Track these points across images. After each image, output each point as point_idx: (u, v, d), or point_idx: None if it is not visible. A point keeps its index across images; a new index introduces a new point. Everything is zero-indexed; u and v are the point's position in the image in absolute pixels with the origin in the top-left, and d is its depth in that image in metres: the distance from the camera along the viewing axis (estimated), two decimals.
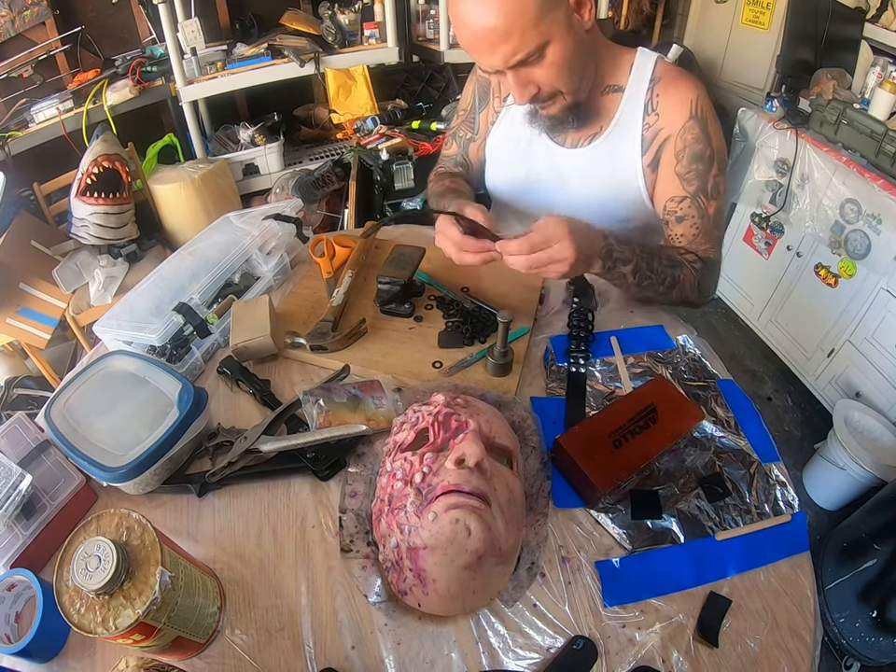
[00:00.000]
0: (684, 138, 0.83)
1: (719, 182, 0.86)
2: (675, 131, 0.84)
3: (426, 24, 2.39)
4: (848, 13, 1.90)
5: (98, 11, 2.06)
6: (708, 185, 0.85)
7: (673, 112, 0.83)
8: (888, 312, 1.61)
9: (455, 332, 0.83)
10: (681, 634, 0.55)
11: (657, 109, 0.84)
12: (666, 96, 0.84)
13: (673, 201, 0.87)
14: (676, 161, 0.85)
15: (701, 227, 0.87)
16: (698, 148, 0.83)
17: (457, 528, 0.51)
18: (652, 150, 0.86)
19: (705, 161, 0.84)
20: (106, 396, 0.67)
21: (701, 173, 0.85)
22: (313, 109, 2.47)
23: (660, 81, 0.84)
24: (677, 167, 0.85)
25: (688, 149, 0.84)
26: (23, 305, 1.70)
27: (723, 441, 0.72)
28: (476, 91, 1.01)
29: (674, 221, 0.88)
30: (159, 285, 0.87)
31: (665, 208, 0.88)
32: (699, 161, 0.84)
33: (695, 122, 0.83)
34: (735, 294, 2.31)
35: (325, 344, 0.81)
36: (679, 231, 0.88)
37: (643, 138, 0.86)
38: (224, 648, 0.55)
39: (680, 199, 0.86)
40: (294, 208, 1.03)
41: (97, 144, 1.71)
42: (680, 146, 0.84)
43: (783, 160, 1.92)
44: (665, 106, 0.84)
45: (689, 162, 0.84)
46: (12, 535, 0.58)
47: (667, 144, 0.85)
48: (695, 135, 0.83)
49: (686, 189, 0.85)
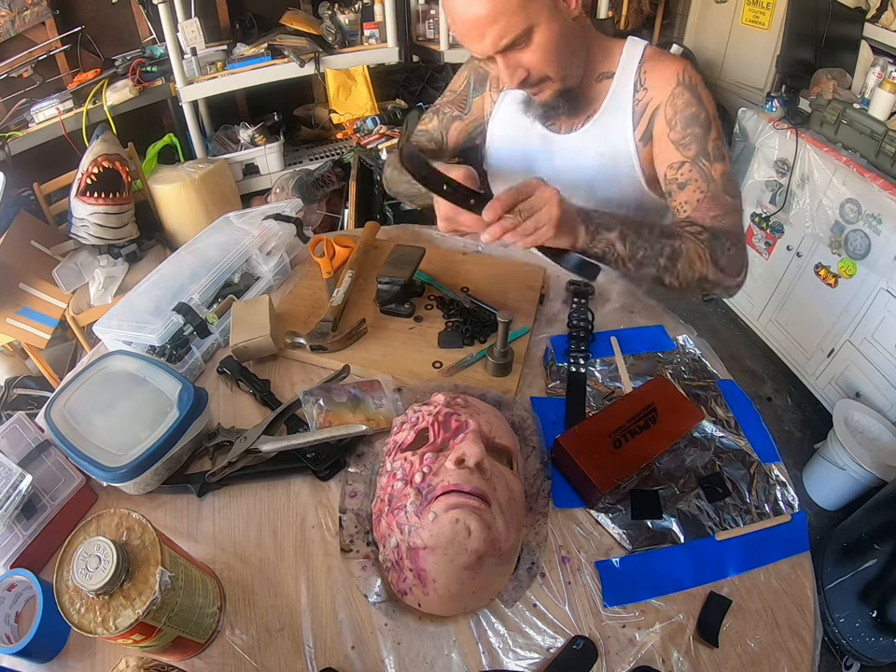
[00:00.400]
0: (674, 104, 0.83)
1: (719, 145, 0.83)
2: (663, 99, 0.84)
3: (426, 24, 2.39)
4: (848, 13, 1.90)
5: (98, 11, 2.06)
6: (709, 147, 0.82)
7: (660, 83, 0.84)
8: (888, 312, 1.61)
9: (455, 332, 0.83)
10: (681, 634, 0.55)
11: (645, 84, 0.85)
12: (653, 71, 0.85)
13: (672, 168, 0.84)
14: (669, 129, 0.84)
15: (707, 190, 0.82)
16: (690, 112, 0.82)
17: (457, 528, 0.51)
18: (643, 123, 0.86)
19: (700, 124, 0.82)
20: (106, 396, 0.67)
21: (699, 136, 0.82)
22: (313, 109, 2.47)
23: (647, 61, 0.86)
24: (670, 134, 0.84)
25: (679, 115, 0.83)
26: (23, 305, 1.69)
27: (723, 440, 0.72)
28: (471, 76, 1.02)
29: (676, 189, 0.85)
30: (159, 285, 0.87)
31: (666, 177, 0.85)
32: (694, 125, 0.82)
33: (684, 88, 0.83)
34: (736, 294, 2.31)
35: (325, 344, 0.81)
36: (684, 197, 0.84)
37: (633, 113, 0.86)
38: (224, 648, 0.55)
39: (679, 164, 0.84)
40: (294, 208, 1.03)
41: (97, 144, 1.71)
42: (671, 112, 0.83)
43: (783, 160, 1.92)
44: (652, 80, 0.85)
45: (683, 127, 0.83)
46: (12, 535, 0.58)
47: (657, 113, 0.85)
48: (686, 100, 0.83)
49: (684, 154, 0.83)
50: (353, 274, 0.91)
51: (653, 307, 0.92)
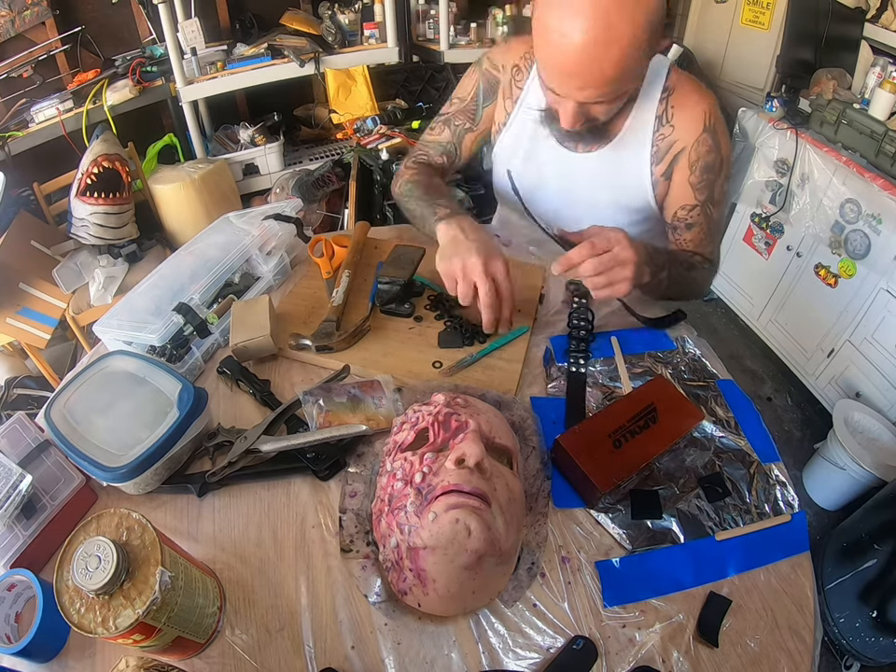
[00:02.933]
0: (698, 150, 0.85)
1: (725, 189, 0.89)
2: (689, 143, 0.85)
3: (426, 24, 2.40)
4: (848, 13, 1.90)
5: (98, 11, 2.06)
6: (716, 192, 0.88)
7: (688, 125, 0.85)
8: (888, 312, 1.61)
9: (455, 333, 0.83)
10: (681, 634, 0.55)
11: (672, 121, 0.85)
12: (681, 109, 0.85)
13: (684, 209, 0.89)
14: (690, 172, 0.87)
15: (707, 232, 0.91)
16: (710, 159, 0.85)
17: (457, 528, 0.51)
18: (667, 161, 0.87)
19: (715, 171, 0.87)
20: (106, 396, 0.67)
21: (711, 182, 0.87)
22: (313, 109, 2.47)
23: (674, 93, 0.85)
24: (690, 178, 0.87)
25: (701, 161, 0.85)
26: (23, 305, 1.70)
27: (723, 440, 0.72)
28: (481, 84, 0.98)
29: (683, 228, 0.91)
30: (159, 285, 0.86)
31: (676, 215, 0.90)
32: (710, 171, 0.86)
33: (708, 135, 0.85)
34: (735, 294, 2.31)
35: (330, 344, 0.81)
36: (689, 237, 0.91)
37: (656, 148, 0.87)
38: (224, 648, 0.55)
39: (691, 207, 0.89)
40: (294, 208, 1.03)
41: (97, 144, 1.71)
42: (694, 157, 0.86)
43: (783, 160, 1.92)
44: (680, 119, 0.85)
45: (701, 173, 0.86)
46: (12, 535, 0.58)
47: (682, 155, 0.86)
48: (708, 147, 0.85)
49: (697, 198, 0.88)
50: (350, 274, 0.91)
51: (653, 307, 0.92)
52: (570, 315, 0.86)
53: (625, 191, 0.92)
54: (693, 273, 0.89)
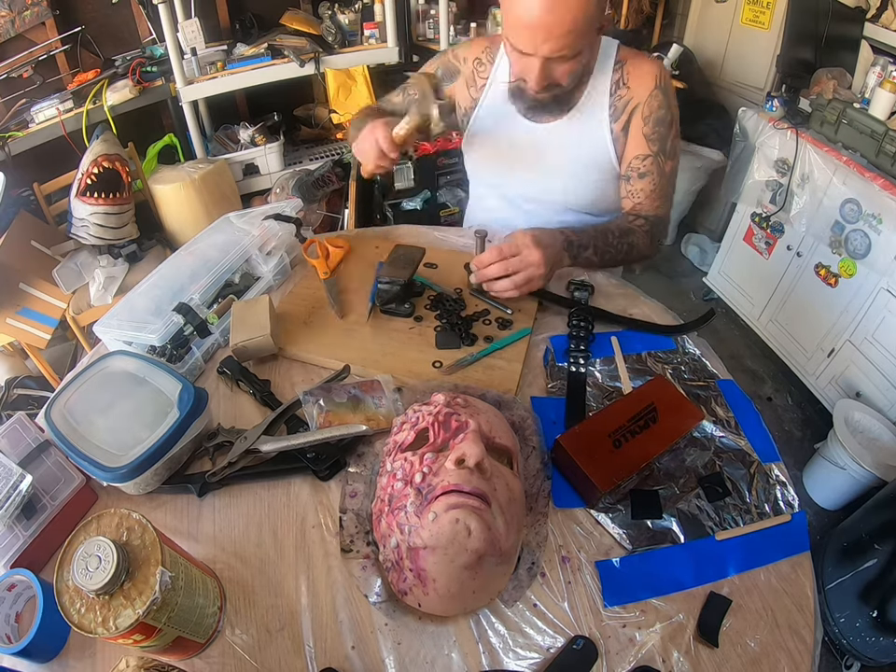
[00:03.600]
0: (650, 105, 0.95)
1: (675, 145, 0.99)
2: (643, 99, 0.95)
3: (426, 24, 2.40)
4: (849, 12, 1.90)
5: (98, 11, 2.06)
6: (667, 145, 0.97)
7: (641, 83, 0.95)
8: (888, 312, 1.61)
9: (451, 333, 0.83)
10: (681, 634, 0.55)
11: (628, 83, 0.96)
12: (635, 72, 0.95)
13: (638, 158, 0.98)
14: (643, 124, 0.96)
15: (657, 183, 0.99)
16: (661, 114, 0.95)
17: (457, 528, 0.51)
18: (624, 117, 0.97)
19: (666, 125, 0.96)
20: (106, 396, 0.67)
21: (663, 135, 0.96)
22: (313, 109, 2.47)
23: (626, 63, 0.96)
24: (644, 129, 0.96)
25: (653, 114, 0.95)
26: (24, 305, 1.70)
27: (723, 440, 0.72)
28: (442, 70, 1.09)
29: (636, 177, 0.99)
30: (159, 285, 0.86)
31: (630, 165, 0.99)
32: (662, 125, 0.96)
33: (660, 91, 0.95)
34: (736, 294, 2.31)
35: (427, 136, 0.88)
36: (640, 186, 0.99)
37: (614, 108, 0.97)
38: (224, 648, 0.55)
39: (644, 156, 0.98)
40: (294, 208, 1.03)
41: (97, 144, 1.71)
42: (647, 112, 0.95)
43: (783, 159, 1.91)
44: (634, 80, 0.95)
45: (654, 125, 0.96)
46: (12, 535, 0.58)
47: (637, 110, 0.96)
48: (659, 102, 0.95)
49: (650, 149, 0.97)
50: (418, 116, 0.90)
51: (654, 308, 0.92)
52: (570, 314, 0.86)
53: (590, 153, 1.00)
54: (629, 238, 0.96)
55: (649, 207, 1.00)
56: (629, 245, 0.96)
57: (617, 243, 0.95)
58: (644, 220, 1.00)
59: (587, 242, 0.91)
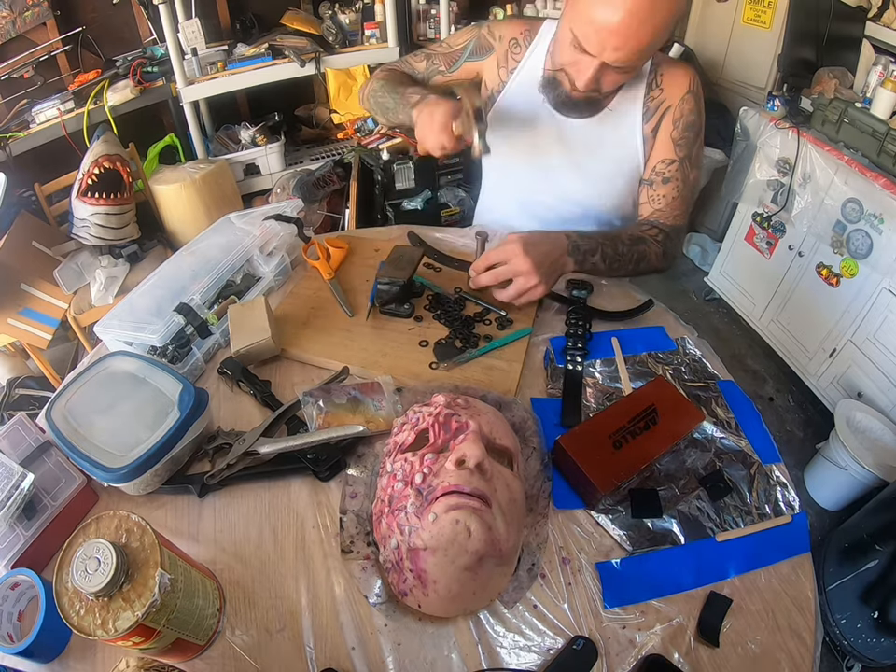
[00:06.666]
0: (682, 108, 0.93)
1: (700, 154, 0.97)
2: (675, 102, 0.93)
3: (426, 24, 2.40)
4: (850, 12, 1.89)
5: (99, 12, 2.06)
6: (693, 153, 0.95)
7: (675, 86, 0.93)
8: (889, 312, 1.61)
9: (449, 345, 0.83)
10: (682, 635, 0.55)
11: (661, 85, 0.93)
12: (669, 75, 0.93)
13: (664, 162, 0.95)
14: (673, 127, 0.94)
15: (680, 191, 0.96)
16: (692, 119, 0.93)
17: (458, 529, 0.51)
18: (656, 118, 0.94)
19: (695, 131, 0.94)
20: (107, 396, 0.67)
21: (690, 141, 0.94)
22: (313, 109, 2.47)
23: (661, 65, 0.94)
24: (673, 133, 0.94)
25: (684, 118, 0.93)
26: (25, 306, 1.70)
27: (724, 441, 0.71)
28: (473, 42, 1.04)
29: (660, 182, 0.96)
30: (160, 285, 0.87)
31: (655, 169, 0.96)
32: (691, 130, 0.94)
33: (692, 96, 0.93)
34: (737, 294, 2.31)
35: None
36: (662, 192, 0.96)
37: (647, 108, 0.94)
38: (224, 648, 0.55)
39: (670, 161, 0.95)
40: (295, 208, 1.03)
41: (98, 144, 1.71)
42: (678, 114, 0.93)
43: (785, 159, 1.91)
44: (668, 82, 0.93)
45: (683, 129, 0.93)
46: (14, 535, 0.59)
47: (668, 112, 0.94)
48: (691, 107, 0.93)
49: (677, 154, 0.94)
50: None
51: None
52: (568, 313, 0.86)
53: (619, 155, 0.97)
54: (640, 247, 0.92)
55: (668, 215, 0.96)
56: (639, 254, 0.92)
57: (626, 251, 0.90)
58: (658, 230, 0.95)
59: (594, 247, 0.88)
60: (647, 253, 0.93)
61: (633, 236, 0.93)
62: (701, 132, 0.94)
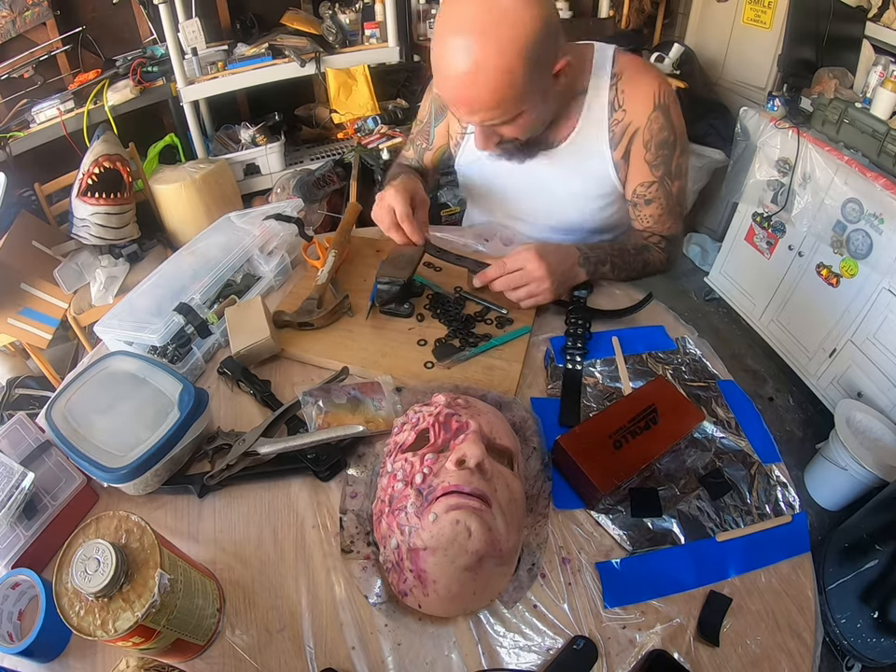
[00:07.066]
0: (651, 129, 0.88)
1: (682, 163, 0.92)
2: (642, 123, 0.88)
3: (426, 24, 2.39)
4: (850, 12, 1.89)
5: (99, 11, 2.06)
6: (672, 167, 0.92)
7: (638, 106, 0.87)
8: (890, 312, 1.61)
9: (448, 345, 0.83)
10: (682, 635, 0.55)
11: (623, 105, 0.88)
12: (631, 92, 0.87)
13: (643, 186, 0.93)
14: (645, 151, 0.90)
15: (666, 207, 0.95)
16: (663, 136, 0.88)
17: (458, 529, 0.51)
18: (623, 144, 0.90)
19: (669, 146, 0.90)
20: (107, 396, 0.67)
21: (666, 157, 0.90)
22: (314, 109, 2.46)
23: (622, 77, 0.87)
24: (646, 155, 0.90)
25: (654, 139, 0.89)
26: (25, 305, 1.70)
27: (724, 441, 0.71)
28: (433, 107, 1.05)
29: (643, 204, 0.95)
30: (160, 285, 0.87)
31: (635, 192, 0.94)
32: (664, 147, 0.89)
33: (659, 112, 0.87)
34: (737, 294, 2.31)
35: (311, 320, 0.84)
36: (647, 212, 0.96)
37: (612, 133, 0.89)
38: (225, 648, 0.55)
39: (649, 183, 0.92)
40: (295, 208, 1.03)
41: (98, 144, 1.71)
42: (648, 136, 0.88)
43: (785, 159, 1.91)
44: (630, 102, 0.87)
45: (656, 150, 0.89)
46: (14, 534, 0.59)
47: (636, 136, 0.89)
48: (660, 125, 0.88)
49: (654, 175, 0.91)
50: (336, 254, 0.94)
51: (654, 307, 0.92)
52: (568, 312, 0.86)
53: (593, 179, 0.95)
54: (645, 254, 0.95)
55: (660, 229, 0.97)
56: (644, 261, 0.95)
57: (633, 260, 0.93)
58: (660, 237, 0.98)
59: (604, 258, 0.90)
60: (651, 259, 0.96)
61: (637, 245, 0.95)
62: (677, 142, 0.89)
